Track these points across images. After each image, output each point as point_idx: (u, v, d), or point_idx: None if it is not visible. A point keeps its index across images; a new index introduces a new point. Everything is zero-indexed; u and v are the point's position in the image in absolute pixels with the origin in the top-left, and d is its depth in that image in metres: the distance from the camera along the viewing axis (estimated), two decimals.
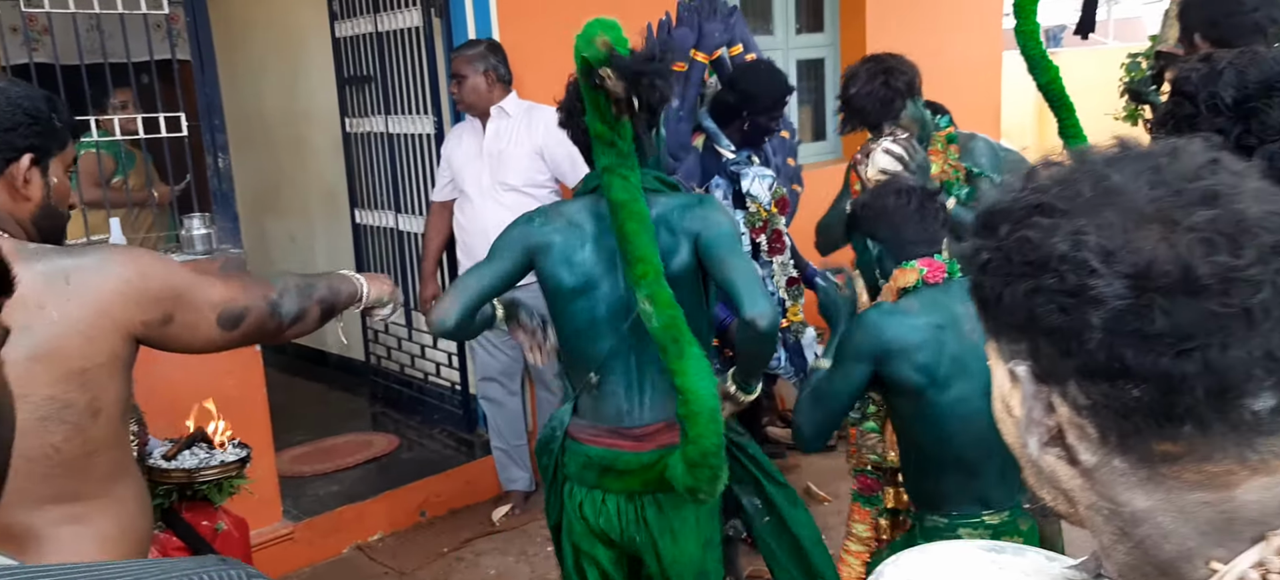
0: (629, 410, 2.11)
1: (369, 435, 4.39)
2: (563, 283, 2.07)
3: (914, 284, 1.97)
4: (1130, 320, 0.56)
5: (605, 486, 2.13)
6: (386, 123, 4.28)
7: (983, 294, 0.64)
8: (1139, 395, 0.57)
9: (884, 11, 5.24)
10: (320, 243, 5.28)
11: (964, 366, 1.89)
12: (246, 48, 5.33)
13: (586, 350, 2.10)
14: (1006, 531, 1.98)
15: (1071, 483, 0.64)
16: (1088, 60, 10.30)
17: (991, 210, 0.65)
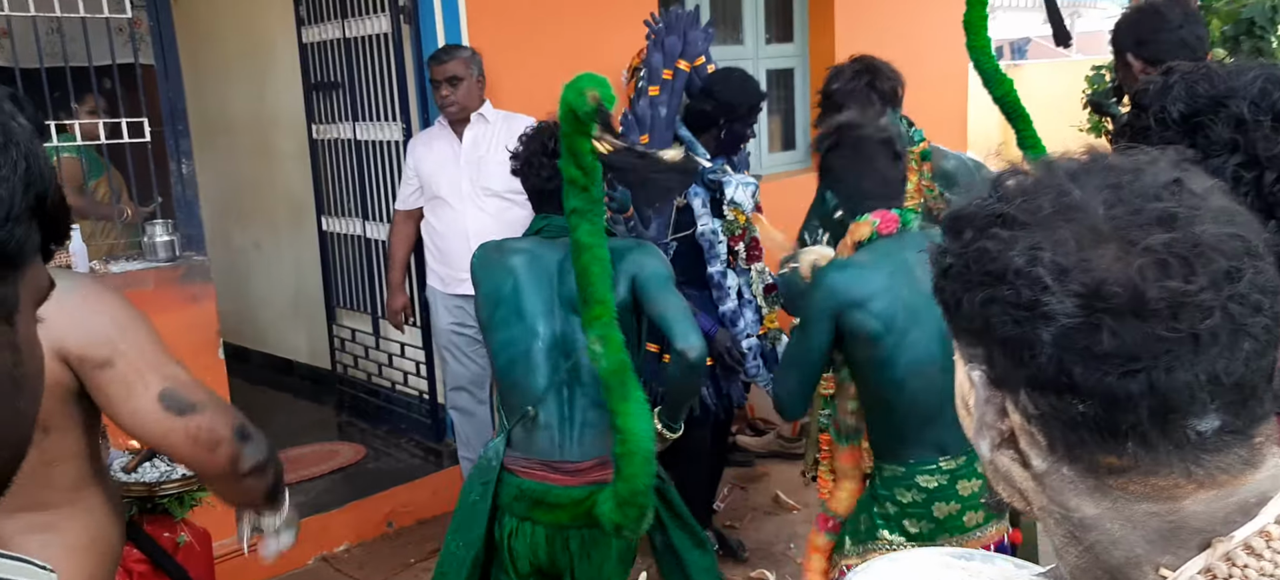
0: (563, 445, 2.18)
1: (335, 445, 4.34)
2: (483, 315, 2.23)
3: (869, 236, 2.04)
4: (1079, 338, 0.57)
5: (535, 518, 2.21)
6: (354, 129, 4.24)
7: (944, 297, 0.66)
8: (1084, 410, 0.58)
9: (853, 22, 5.28)
10: (286, 250, 5.22)
11: (917, 315, 1.96)
12: (212, 52, 5.26)
13: (521, 384, 2.19)
14: (963, 475, 2.04)
15: (1025, 484, 0.65)
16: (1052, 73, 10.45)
17: (958, 215, 0.66)
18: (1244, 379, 0.58)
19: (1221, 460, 0.59)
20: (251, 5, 4.94)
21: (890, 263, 1.99)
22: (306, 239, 4.88)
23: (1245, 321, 0.57)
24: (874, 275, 1.99)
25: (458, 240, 3.57)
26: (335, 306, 4.70)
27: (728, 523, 3.73)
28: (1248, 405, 0.59)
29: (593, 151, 1.90)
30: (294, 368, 5.35)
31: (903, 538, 2.07)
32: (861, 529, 2.12)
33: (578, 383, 2.17)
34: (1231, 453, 0.59)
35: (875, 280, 1.98)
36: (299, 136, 4.68)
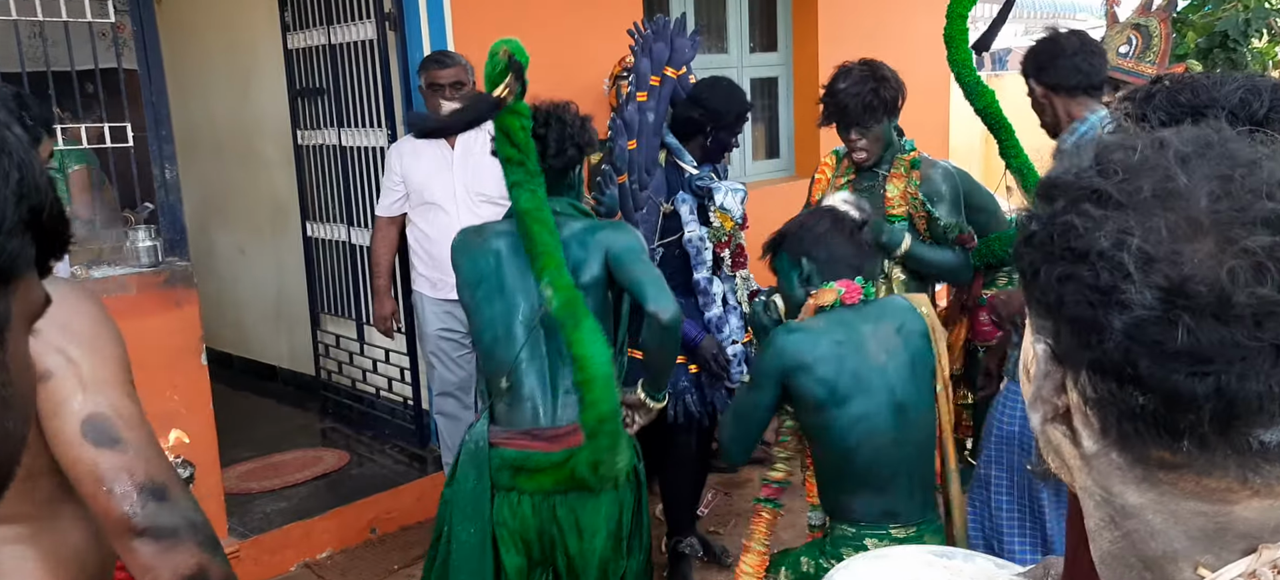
0: (543, 412, 2.24)
1: (319, 451, 4.33)
2: (467, 293, 2.31)
3: (832, 303, 2.08)
4: (1152, 331, 0.55)
5: (519, 487, 2.24)
6: (339, 135, 4.24)
7: (1023, 263, 0.63)
8: (1144, 403, 0.56)
9: (836, 32, 5.33)
10: (270, 256, 5.21)
11: (865, 384, 2.00)
12: (196, 58, 5.25)
13: (501, 355, 2.26)
14: (914, 543, 2.04)
15: (1073, 460, 0.64)
16: None
17: (1053, 181, 0.63)
18: None
19: (1233, 460, 0.57)
20: (236, 11, 4.93)
21: (842, 331, 2.04)
22: (290, 244, 4.87)
23: None
24: (822, 341, 2.02)
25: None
26: (319, 312, 4.70)
27: (711, 528, 3.74)
28: None
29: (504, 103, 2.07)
30: (277, 374, 5.33)
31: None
32: (805, 572, 2.14)
33: (557, 353, 2.23)
34: (1223, 453, 0.57)
35: (822, 345, 2.01)
36: (283, 142, 4.68)
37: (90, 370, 1.24)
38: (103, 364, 1.26)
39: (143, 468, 1.21)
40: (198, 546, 1.23)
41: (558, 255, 2.12)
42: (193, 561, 1.21)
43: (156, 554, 1.20)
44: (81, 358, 1.24)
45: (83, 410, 1.21)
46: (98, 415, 1.21)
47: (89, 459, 1.19)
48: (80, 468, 1.20)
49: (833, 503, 2.14)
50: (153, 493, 1.21)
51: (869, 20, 5.48)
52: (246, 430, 4.47)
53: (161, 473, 1.23)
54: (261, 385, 5.30)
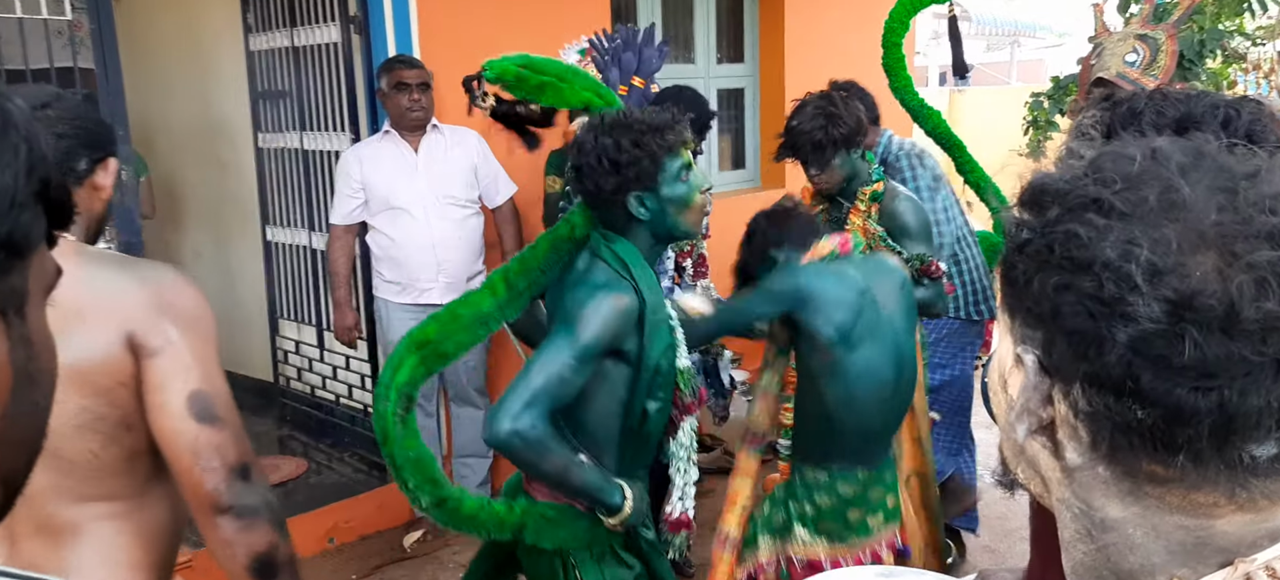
0: None
1: (275, 459, 4.26)
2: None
3: (830, 254, 2.11)
4: (1158, 345, 0.54)
5: None
6: (301, 139, 4.19)
7: (1013, 272, 0.62)
8: (1143, 417, 0.56)
9: (803, 44, 5.37)
10: (229, 260, 5.13)
11: (876, 332, 2.02)
12: (155, 58, 5.16)
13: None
14: (875, 484, 2.15)
15: (1051, 473, 0.63)
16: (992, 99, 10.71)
17: (1044, 187, 0.61)
18: None
19: (1267, 486, 0.57)
20: (197, 12, 4.86)
21: (852, 276, 2.07)
22: (250, 248, 4.80)
23: None
24: (837, 283, 2.05)
25: (420, 250, 3.55)
26: (278, 317, 4.63)
27: None
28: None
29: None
30: (234, 379, 5.21)
31: (814, 535, 2.16)
32: (777, 525, 2.19)
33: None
34: (1278, 480, 0.57)
35: (837, 287, 2.04)
36: (244, 145, 4.61)
37: (192, 350, 1.31)
38: (203, 345, 1.34)
39: (234, 447, 1.30)
40: (272, 527, 1.32)
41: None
42: (267, 541, 1.31)
43: (237, 531, 1.28)
44: (185, 337, 1.31)
45: (188, 386, 1.28)
46: (201, 392, 1.29)
47: (191, 432, 1.27)
48: (180, 440, 1.27)
49: (811, 447, 2.15)
50: (241, 473, 1.29)
51: (835, 32, 5.53)
52: None
53: (248, 454, 1.32)
54: None
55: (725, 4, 5.34)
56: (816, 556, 2.16)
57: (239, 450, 1.30)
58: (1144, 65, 2.80)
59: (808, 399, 2.14)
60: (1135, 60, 2.82)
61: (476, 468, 3.92)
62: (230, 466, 1.28)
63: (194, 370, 1.30)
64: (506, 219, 3.80)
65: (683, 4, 5.09)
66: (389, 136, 3.60)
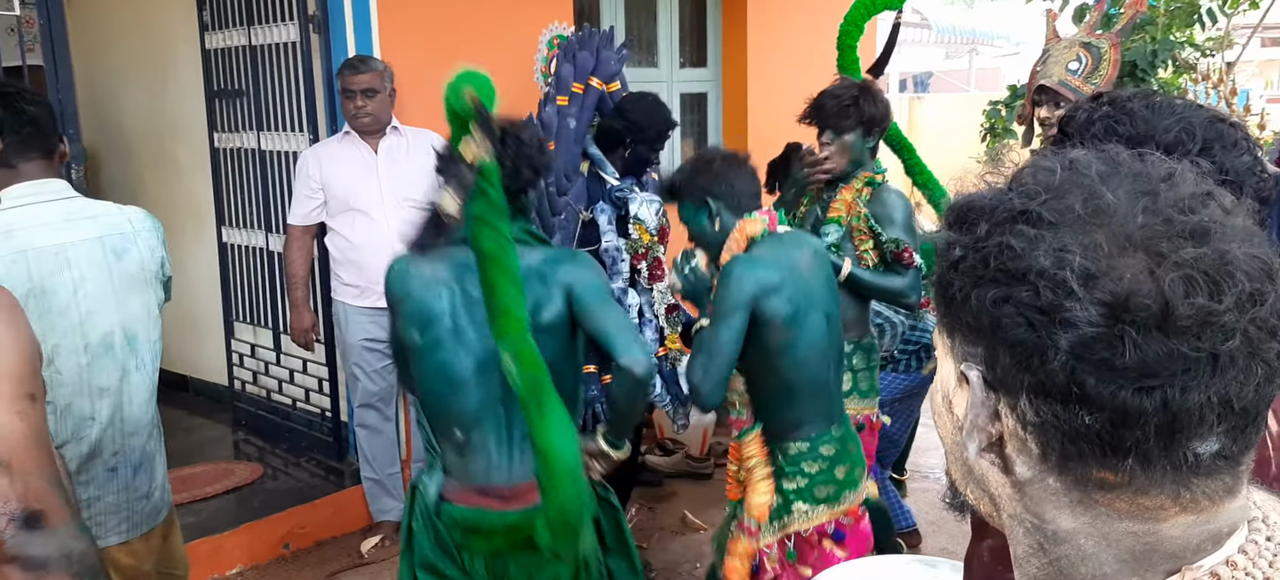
0: (497, 468, 2.02)
1: (230, 464, 4.19)
2: (411, 335, 2.01)
3: (761, 233, 2.21)
4: (1099, 348, 0.55)
5: (471, 547, 2.06)
6: (258, 139, 4.13)
7: (949, 290, 0.62)
8: (1090, 423, 0.56)
9: (766, 49, 5.39)
10: (184, 262, 5.03)
11: (811, 299, 2.17)
12: (108, 56, 5.06)
13: (453, 406, 2.01)
14: (851, 439, 2.29)
15: (1000, 490, 0.63)
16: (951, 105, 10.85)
17: (970, 205, 0.62)
18: (1251, 404, 0.57)
19: (1209, 485, 0.58)
20: (152, 9, 4.77)
21: (785, 256, 2.18)
22: (205, 250, 4.72)
23: (1261, 346, 0.56)
24: (779, 265, 2.16)
25: (379, 252, 3.50)
26: (233, 320, 4.55)
27: (635, 543, 3.72)
28: (1246, 432, 0.58)
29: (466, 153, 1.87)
30: (188, 384, 5.15)
31: (814, 505, 2.23)
32: (774, 507, 2.24)
33: (512, 397, 1.94)
34: (1219, 479, 0.58)
35: (780, 269, 2.15)
36: (200, 145, 4.53)
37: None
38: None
39: (20, 493, 1.15)
40: (70, 578, 1.17)
41: (522, 315, 1.85)
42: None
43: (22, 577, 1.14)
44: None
45: None
46: None
47: None
48: None
49: (783, 423, 2.24)
50: (26, 520, 1.14)
51: (798, 37, 5.56)
52: None
53: (41, 499, 1.17)
54: (171, 395, 5.10)
55: (688, 8, 5.35)
56: (821, 523, 2.25)
57: (27, 496, 1.16)
58: (1086, 73, 2.85)
59: (766, 378, 2.21)
60: (1078, 68, 2.87)
61: None
62: (13, 515, 1.14)
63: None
64: None
65: (646, 8, 5.09)
66: (349, 137, 3.56)
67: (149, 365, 2.10)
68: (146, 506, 2.14)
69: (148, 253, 2.09)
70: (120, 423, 2.04)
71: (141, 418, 2.09)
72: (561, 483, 1.78)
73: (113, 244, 2.02)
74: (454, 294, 2.00)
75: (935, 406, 0.68)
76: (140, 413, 2.08)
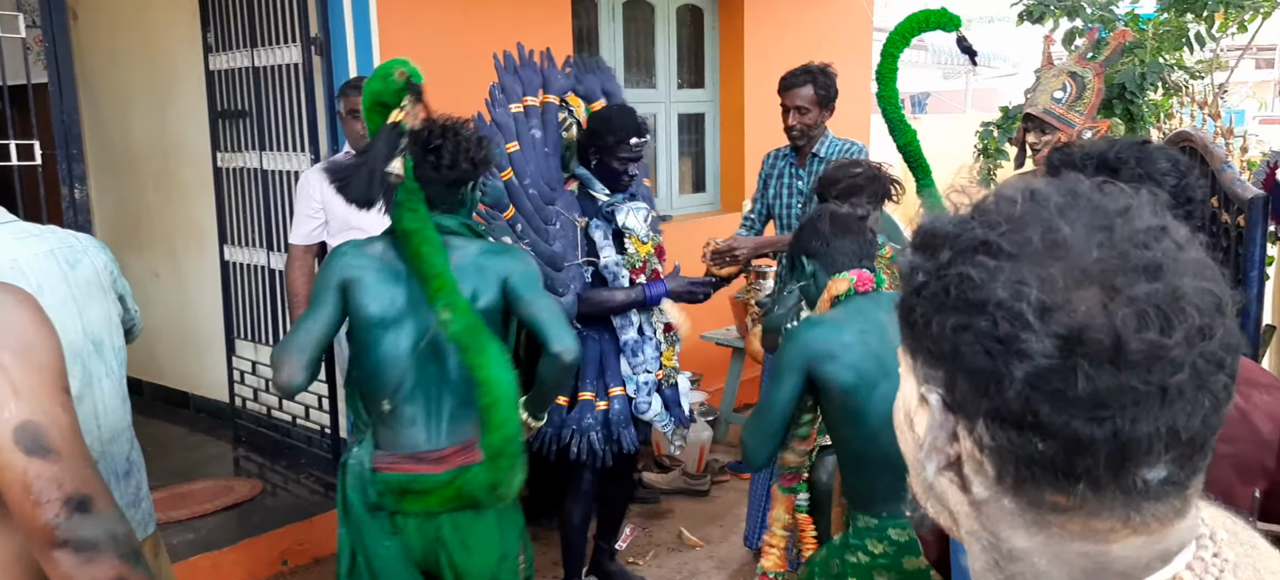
0: (428, 436, 2.20)
1: (229, 481, 4.21)
2: (371, 313, 2.17)
3: (846, 292, 2.15)
4: (1053, 379, 0.56)
5: (404, 509, 2.21)
6: (261, 159, 4.18)
7: (912, 314, 0.63)
8: (1043, 449, 0.58)
9: (762, 70, 5.45)
10: (187, 280, 5.08)
11: (887, 369, 2.01)
12: (113, 76, 5.12)
13: (387, 379, 2.19)
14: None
15: (959, 507, 0.65)
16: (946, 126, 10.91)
17: (934, 232, 0.63)
18: (1197, 434, 0.58)
19: (1158, 509, 0.60)
20: (156, 31, 4.83)
21: (862, 319, 2.09)
22: (207, 269, 4.76)
23: (1208, 379, 0.57)
24: (846, 330, 2.08)
25: None
26: (235, 338, 4.59)
27: (631, 558, 3.75)
28: (1193, 459, 0.60)
29: (398, 123, 2.03)
30: (190, 401, 5.18)
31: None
32: (833, 573, 2.14)
33: (443, 377, 2.19)
34: (1168, 502, 0.60)
35: (847, 334, 2.07)
36: (203, 165, 4.58)
37: (22, 376, 1.22)
38: (35, 371, 1.24)
39: (71, 479, 1.21)
40: (118, 558, 1.23)
41: (450, 276, 2.08)
42: (112, 573, 1.22)
43: (76, 566, 1.20)
44: (13, 363, 1.22)
45: (15, 417, 1.19)
46: (30, 423, 1.20)
47: (20, 466, 1.19)
48: (9, 474, 1.19)
49: (855, 491, 2.15)
50: (78, 505, 1.21)
51: (795, 57, 5.60)
52: (155, 459, 4.30)
53: (89, 484, 1.23)
54: (172, 413, 5.14)
55: (686, 30, 5.41)
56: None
57: (76, 481, 1.22)
58: (1070, 101, 2.90)
59: (837, 444, 2.16)
60: (1062, 97, 2.92)
61: None
62: (66, 499, 1.20)
63: (21, 400, 1.21)
64: None
65: (644, 30, 5.16)
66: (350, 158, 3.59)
67: (117, 371, 2.10)
68: (137, 515, 2.16)
69: (99, 265, 2.10)
70: (97, 429, 2.05)
71: (118, 423, 2.09)
72: (502, 409, 1.99)
73: (64, 256, 2.03)
74: (400, 276, 2.19)
75: (898, 423, 0.71)
76: (116, 419, 2.09)
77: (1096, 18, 4.99)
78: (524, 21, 4.30)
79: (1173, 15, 5.13)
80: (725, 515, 4.11)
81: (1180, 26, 5.16)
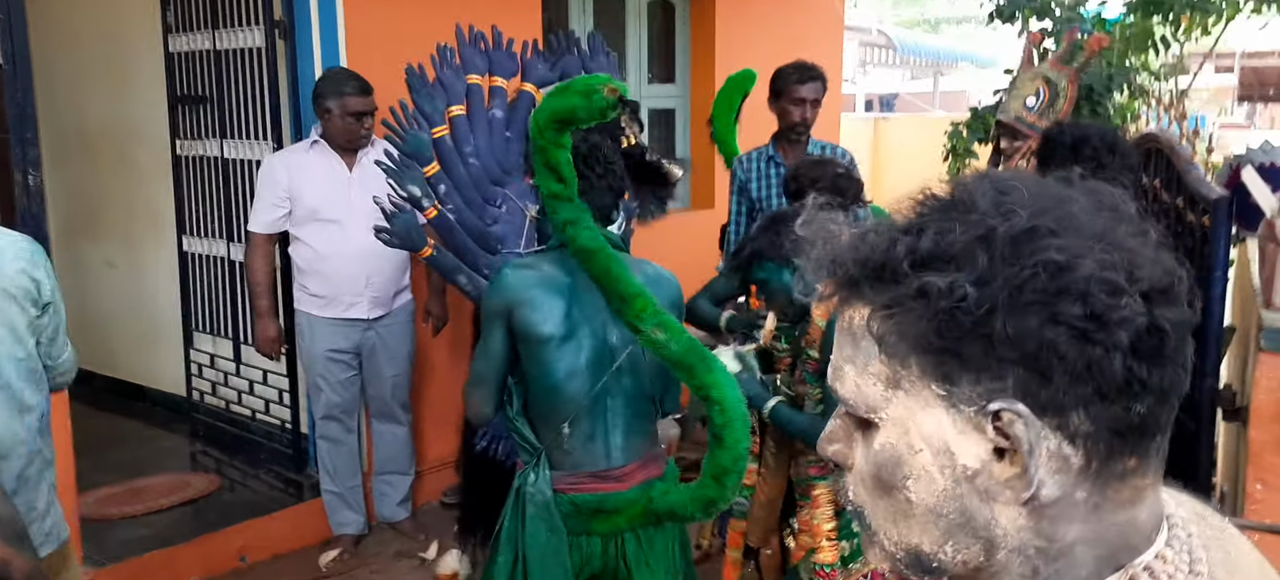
0: (608, 454, 2.18)
1: (186, 475, 4.12)
2: (543, 333, 2.11)
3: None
4: (1149, 337, 0.57)
5: (592, 530, 2.19)
6: (222, 146, 4.08)
7: (958, 330, 0.58)
8: (1139, 411, 0.58)
9: (733, 65, 5.42)
10: (142, 270, 4.96)
11: None
12: (69, 57, 4.99)
13: (568, 400, 2.14)
14: None
15: (1011, 524, 0.61)
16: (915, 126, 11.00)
17: (942, 251, 0.59)
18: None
19: (1161, 450, 0.62)
20: (115, 8, 4.71)
21: None
22: (164, 258, 4.65)
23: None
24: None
25: (348, 263, 3.49)
26: (193, 330, 4.49)
27: None
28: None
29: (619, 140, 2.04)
30: (145, 393, 5.06)
31: None
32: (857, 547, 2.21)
33: (617, 390, 2.16)
34: (1162, 455, 0.62)
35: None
36: (161, 151, 4.47)
37: None
38: None
39: None
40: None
41: (649, 293, 2.00)
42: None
43: None
44: None
45: None
46: None
47: None
48: None
49: None
50: None
51: (765, 54, 5.59)
52: (108, 453, 4.22)
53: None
54: (126, 406, 5.02)
55: (657, 24, 5.38)
56: None
57: None
58: (1042, 108, 2.94)
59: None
60: (1035, 104, 2.96)
61: (397, 485, 3.85)
62: None
63: None
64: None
65: (615, 23, 5.12)
66: (318, 147, 3.52)
67: (15, 384, 1.95)
68: (44, 527, 2.03)
69: (12, 272, 1.96)
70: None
71: (7, 439, 1.93)
72: (737, 428, 1.94)
73: None
74: (568, 294, 2.13)
75: (913, 470, 0.63)
76: (4, 434, 1.93)
77: (1065, 20, 5.03)
78: (493, 10, 4.24)
79: (1139, 18, 5.20)
80: None
81: (1146, 29, 5.23)
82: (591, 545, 2.20)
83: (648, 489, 2.15)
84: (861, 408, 0.65)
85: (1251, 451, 2.22)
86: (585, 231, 2.00)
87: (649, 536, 2.22)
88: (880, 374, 0.63)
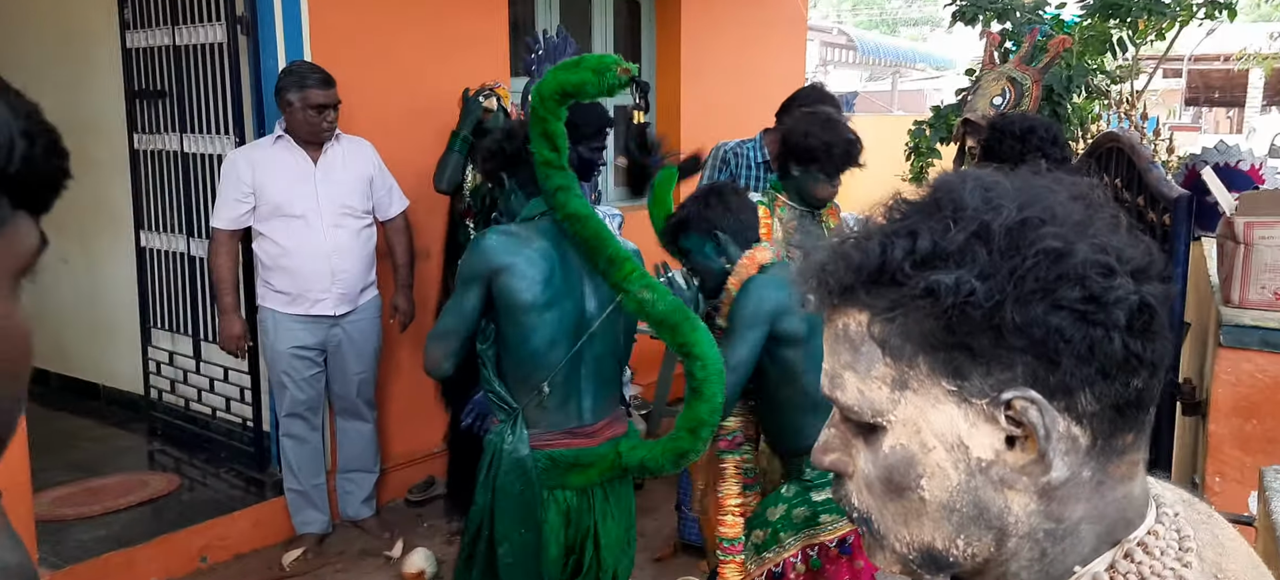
0: (581, 412, 2.27)
1: (144, 475, 4.04)
2: (525, 300, 2.17)
3: (770, 261, 2.28)
4: (1142, 313, 0.59)
5: (567, 483, 2.28)
6: (181, 141, 4.01)
7: (968, 324, 0.59)
8: (1136, 385, 0.60)
9: (698, 66, 5.45)
10: (100, 266, 4.85)
11: (814, 323, 2.18)
12: (23, 49, 4.86)
13: (547, 363, 2.22)
14: None
15: (1022, 509, 0.62)
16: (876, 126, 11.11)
17: (939, 251, 0.60)
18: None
19: (1150, 423, 0.64)
20: (70, 4, 4.60)
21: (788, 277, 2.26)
22: (122, 254, 4.56)
23: None
24: (789, 287, 2.19)
25: (314, 259, 3.44)
26: (151, 327, 4.40)
27: None
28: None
29: (631, 121, 2.22)
30: (100, 392, 4.96)
31: (840, 515, 2.22)
32: (799, 521, 2.26)
33: (590, 354, 2.25)
34: (1151, 416, 0.64)
35: (793, 291, 2.18)
36: (118, 146, 4.38)
37: None
38: None
39: None
40: None
41: (633, 257, 2.12)
42: None
43: None
44: None
45: None
46: None
47: None
48: None
49: (806, 438, 2.22)
50: None
51: (731, 51, 5.64)
52: (63, 452, 4.13)
53: None
54: (81, 404, 4.91)
55: (622, 20, 5.38)
56: (843, 532, 2.26)
57: None
58: (1008, 107, 2.98)
59: (784, 394, 2.25)
60: (1001, 103, 3.00)
61: (362, 483, 3.82)
62: None
63: None
64: (398, 231, 3.73)
65: (580, 18, 5.11)
66: (283, 142, 3.47)
67: None
68: None
69: None
70: None
71: None
72: (714, 383, 2.05)
73: None
74: (553, 260, 2.19)
75: (926, 468, 0.63)
76: None
77: (1025, 21, 5.11)
78: (458, 7, 4.21)
79: (1097, 20, 5.30)
80: (658, 508, 4.09)
81: (1104, 32, 5.32)
82: (567, 497, 2.29)
83: (615, 444, 2.28)
84: (867, 413, 0.65)
85: (1211, 445, 2.27)
86: (576, 199, 2.11)
87: (615, 490, 2.34)
88: (885, 377, 0.63)
